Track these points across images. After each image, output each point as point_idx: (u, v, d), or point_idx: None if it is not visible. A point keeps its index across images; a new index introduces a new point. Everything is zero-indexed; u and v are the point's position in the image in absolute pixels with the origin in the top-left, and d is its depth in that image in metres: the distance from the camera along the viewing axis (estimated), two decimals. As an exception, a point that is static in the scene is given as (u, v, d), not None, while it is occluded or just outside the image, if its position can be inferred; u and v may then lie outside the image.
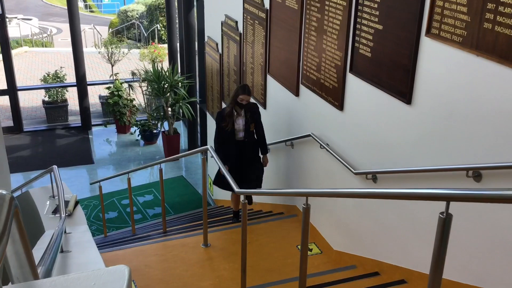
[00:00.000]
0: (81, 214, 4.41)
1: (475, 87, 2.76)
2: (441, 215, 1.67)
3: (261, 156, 5.39)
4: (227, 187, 4.86)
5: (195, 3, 10.41)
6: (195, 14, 10.58)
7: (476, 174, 2.80)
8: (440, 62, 3.01)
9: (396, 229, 3.68)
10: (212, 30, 7.80)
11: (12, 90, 11.69)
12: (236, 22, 6.55)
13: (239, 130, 5.15)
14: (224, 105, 7.58)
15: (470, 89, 2.80)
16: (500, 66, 2.56)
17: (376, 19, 3.55)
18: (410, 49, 3.21)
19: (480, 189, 1.54)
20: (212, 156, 4.82)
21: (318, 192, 3.34)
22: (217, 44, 7.54)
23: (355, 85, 3.98)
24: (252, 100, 5.38)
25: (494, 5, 2.55)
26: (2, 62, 11.46)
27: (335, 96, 4.24)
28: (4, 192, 0.92)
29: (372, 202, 3.94)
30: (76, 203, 4.55)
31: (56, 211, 4.33)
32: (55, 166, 4.50)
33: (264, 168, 5.46)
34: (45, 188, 4.96)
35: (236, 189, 4.10)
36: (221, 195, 8.16)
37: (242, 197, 3.96)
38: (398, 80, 3.38)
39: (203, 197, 5.08)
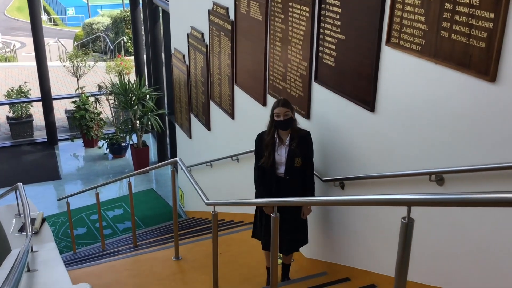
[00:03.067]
0: (48, 232, 4.33)
1: (435, 94, 2.85)
2: (403, 220, 1.71)
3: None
4: (266, 243, 3.99)
5: (160, 15, 10.40)
6: (161, 26, 10.57)
7: (439, 178, 2.88)
8: (400, 70, 3.09)
9: (364, 234, 3.74)
10: (179, 42, 7.81)
11: (-26, 107, 11.40)
12: (202, 33, 6.57)
13: (279, 163, 3.88)
14: (193, 117, 7.58)
15: (430, 95, 2.88)
16: (457, 72, 2.65)
17: (338, 29, 3.62)
18: (372, 58, 3.29)
19: (440, 194, 1.59)
20: (181, 168, 4.80)
21: (287, 201, 3.37)
22: (183, 56, 7.54)
23: (320, 94, 4.04)
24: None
25: (450, 14, 2.64)
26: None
27: (302, 105, 4.30)
28: None
29: (340, 209, 3.99)
30: (43, 220, 4.47)
31: (22, 229, 4.24)
32: (20, 184, 4.42)
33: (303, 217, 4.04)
34: (10, 206, 4.85)
35: (205, 200, 4.09)
36: (192, 207, 8.13)
37: (211, 208, 3.97)
38: (361, 88, 3.45)
39: (173, 209, 5.06)
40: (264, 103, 5.05)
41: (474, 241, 2.74)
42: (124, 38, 19.19)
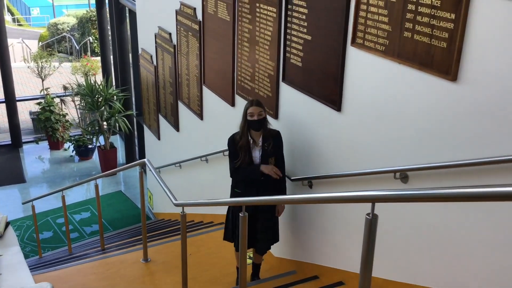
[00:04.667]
0: (13, 235, 4.22)
1: (399, 93, 2.91)
2: (367, 216, 1.75)
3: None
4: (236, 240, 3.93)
5: (127, 15, 10.29)
6: (128, 26, 10.45)
7: (403, 175, 2.94)
8: (366, 70, 3.14)
9: (332, 233, 3.79)
10: (146, 42, 7.74)
11: None
12: (170, 34, 6.53)
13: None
14: (161, 118, 7.53)
15: (394, 95, 2.94)
16: (420, 72, 2.71)
17: (305, 30, 3.66)
18: (338, 59, 3.33)
19: (402, 190, 1.63)
20: (150, 169, 4.76)
21: (256, 200, 3.38)
22: (151, 56, 7.48)
23: (288, 94, 4.07)
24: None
25: (413, 15, 2.70)
26: None
27: (270, 105, 4.32)
28: None
29: (308, 208, 4.03)
30: (7, 224, 4.35)
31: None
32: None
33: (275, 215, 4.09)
34: (-28, 211, 4.71)
35: (174, 200, 4.07)
36: (162, 209, 8.06)
37: (180, 209, 3.95)
38: (328, 88, 3.49)
39: (142, 211, 5.01)
40: (232, 104, 5.05)
41: (437, 236, 2.81)
42: (90, 39, 18.88)
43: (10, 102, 11.41)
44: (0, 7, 10.97)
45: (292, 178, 4.07)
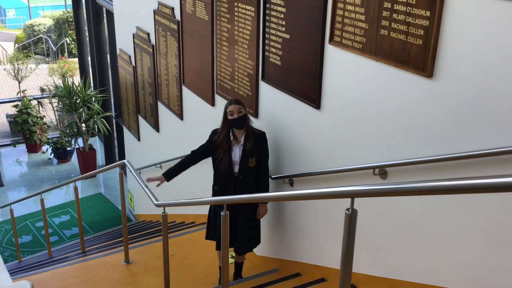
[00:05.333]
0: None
1: (376, 90, 2.94)
2: (347, 211, 1.77)
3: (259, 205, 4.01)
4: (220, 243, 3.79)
5: (104, 16, 10.19)
6: (106, 27, 10.35)
7: (382, 171, 2.97)
8: (344, 68, 3.17)
9: (313, 229, 3.81)
10: (124, 43, 7.68)
11: None
12: (148, 34, 6.50)
13: (234, 162, 3.87)
14: (141, 119, 7.48)
15: (372, 92, 2.98)
16: (397, 69, 2.75)
17: (283, 29, 3.68)
18: (316, 57, 3.36)
19: (380, 184, 1.65)
20: (130, 171, 4.73)
21: (237, 198, 3.38)
22: (130, 57, 7.42)
23: (267, 93, 4.08)
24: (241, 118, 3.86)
25: (389, 12, 2.74)
26: None
27: (250, 104, 4.32)
28: None
29: (290, 205, 4.05)
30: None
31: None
32: (-42, 191, 4.21)
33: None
34: None
35: (155, 201, 4.06)
36: (142, 210, 8.01)
37: (162, 209, 3.93)
38: (307, 86, 3.52)
39: (123, 213, 4.97)
40: (212, 103, 5.04)
41: (416, 230, 2.85)
42: (68, 40, 18.66)
43: (-14, 105, 11.22)
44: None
45: (273, 176, 4.08)
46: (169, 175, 4.09)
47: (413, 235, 2.88)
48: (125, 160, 4.92)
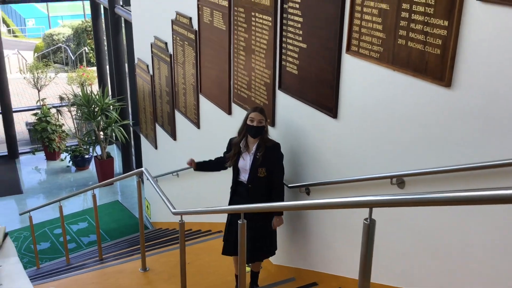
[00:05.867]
0: (11, 246, 4.21)
1: (394, 99, 2.94)
2: (365, 221, 1.77)
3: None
4: (228, 249, 4.01)
5: (123, 25, 10.32)
6: (124, 36, 10.48)
7: (400, 181, 2.96)
8: (361, 77, 3.18)
9: (330, 238, 3.80)
10: (142, 52, 7.77)
11: None
12: (166, 43, 6.57)
13: (243, 170, 3.90)
14: (158, 127, 7.54)
15: (389, 101, 2.97)
16: (415, 79, 2.74)
17: (300, 38, 3.70)
18: (333, 66, 3.37)
19: (399, 194, 1.65)
20: (147, 179, 4.77)
21: (253, 207, 3.39)
22: (147, 66, 7.51)
23: (284, 102, 4.10)
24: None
25: (406, 22, 2.74)
26: None
27: (266, 113, 4.32)
28: None
29: (306, 214, 4.05)
30: (5, 234, 4.34)
31: (-18, 245, 4.12)
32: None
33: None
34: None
35: (172, 209, 4.09)
36: (159, 218, 8.06)
37: (179, 217, 3.96)
38: (324, 95, 3.52)
39: (140, 220, 5.01)
40: (229, 112, 5.07)
41: (435, 240, 2.83)
42: (86, 49, 18.93)
43: (6, 113, 11.42)
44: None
45: (289, 185, 4.08)
46: (200, 165, 4.31)
47: (431, 245, 2.86)
48: (142, 168, 4.97)
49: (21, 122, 13.14)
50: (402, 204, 1.67)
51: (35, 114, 11.50)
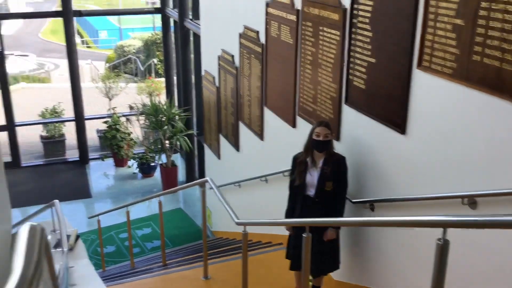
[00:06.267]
0: (82, 248, 4.44)
1: (467, 117, 2.86)
2: (438, 242, 1.73)
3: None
4: (293, 264, 4.06)
5: (191, 38, 10.63)
6: (192, 48, 10.78)
7: (472, 201, 2.87)
8: (432, 93, 3.11)
9: (395, 257, 3.72)
10: (209, 64, 7.96)
11: (10, 126, 11.76)
12: (233, 56, 6.70)
13: (311, 184, 3.91)
14: (221, 138, 7.69)
15: (462, 119, 2.90)
16: (490, 96, 2.66)
17: (369, 53, 3.67)
18: (403, 81, 3.32)
19: (475, 216, 1.61)
20: (211, 188, 4.87)
21: (319, 221, 3.39)
22: (214, 78, 7.68)
23: (350, 116, 4.08)
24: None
25: (482, 38, 2.67)
26: (0, 98, 11.54)
27: (332, 127, 4.32)
28: (35, 224, 0.97)
29: (371, 231, 3.99)
30: (77, 237, 4.57)
31: (57, 245, 4.35)
32: (56, 201, 4.55)
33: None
34: (45, 223, 4.97)
35: (236, 219, 4.14)
36: (220, 227, 8.17)
37: (242, 228, 4.01)
38: (392, 111, 3.48)
39: (203, 228, 5.12)
40: (293, 125, 5.10)
41: (509, 264, 2.71)
42: (155, 60, 19.60)
43: (79, 120, 11.99)
44: (71, 30, 11.60)
45: (353, 200, 4.04)
46: (290, 216, 4.09)
47: (504, 270, 2.74)
48: (207, 178, 5.07)
49: (92, 129, 13.74)
50: (481, 226, 1.62)
51: (105, 122, 12.00)
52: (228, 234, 7.43)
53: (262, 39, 5.64)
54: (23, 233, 0.94)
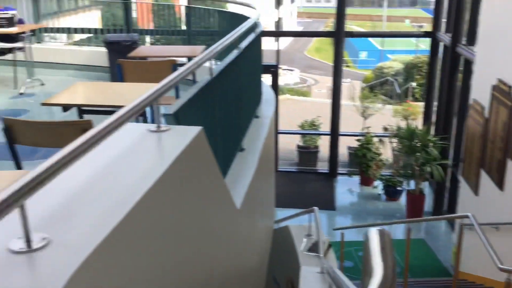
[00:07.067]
0: (332, 257, 4.63)
1: None
2: None
3: None
4: None
5: (461, 65, 10.15)
6: (459, 76, 10.29)
7: None
8: None
9: None
10: (479, 93, 7.48)
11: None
12: (510, 87, 6.17)
13: None
14: (483, 173, 7.13)
15: None
16: None
17: None
18: None
19: None
20: (472, 224, 4.56)
21: None
22: (483, 108, 7.19)
23: None
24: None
25: None
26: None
27: None
28: (385, 228, 1.06)
29: None
30: (329, 245, 4.80)
31: (311, 249, 4.64)
32: (316, 208, 4.86)
33: None
34: (302, 226, 5.36)
35: (499, 264, 3.81)
36: (467, 268, 7.59)
37: (505, 275, 3.66)
38: None
39: (456, 268, 4.81)
40: None
41: None
42: (413, 84, 19.32)
43: (334, 135, 12.56)
44: (341, 50, 12.21)
45: None
46: None
47: None
48: (468, 214, 4.78)
49: (343, 145, 14.25)
50: None
51: (358, 140, 12.30)
52: (475, 278, 6.85)
53: (554, 71, 5.05)
54: (374, 235, 1.03)
